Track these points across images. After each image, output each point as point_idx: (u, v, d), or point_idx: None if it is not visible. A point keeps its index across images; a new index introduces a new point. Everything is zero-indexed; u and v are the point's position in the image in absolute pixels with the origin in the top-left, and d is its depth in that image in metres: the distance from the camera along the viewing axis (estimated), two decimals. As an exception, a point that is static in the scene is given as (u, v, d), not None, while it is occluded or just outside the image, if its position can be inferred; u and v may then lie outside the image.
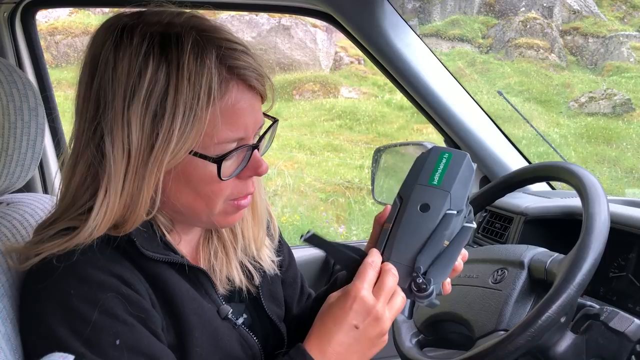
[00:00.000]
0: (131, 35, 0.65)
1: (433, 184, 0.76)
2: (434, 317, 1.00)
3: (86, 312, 0.64)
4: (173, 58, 0.64)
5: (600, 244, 0.81)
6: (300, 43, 10.23)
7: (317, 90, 9.69)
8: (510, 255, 0.95)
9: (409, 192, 0.76)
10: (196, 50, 0.65)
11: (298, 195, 6.47)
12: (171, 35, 0.65)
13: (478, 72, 10.60)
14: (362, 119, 8.88)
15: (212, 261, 0.83)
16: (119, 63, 0.65)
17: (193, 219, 0.76)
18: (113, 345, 0.64)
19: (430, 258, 0.72)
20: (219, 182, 0.70)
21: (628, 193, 6.89)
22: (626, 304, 1.05)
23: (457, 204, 0.75)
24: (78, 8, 9.73)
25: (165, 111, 0.64)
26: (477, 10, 12.44)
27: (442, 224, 0.73)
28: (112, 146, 0.65)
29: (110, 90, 0.65)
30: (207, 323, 0.74)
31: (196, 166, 0.69)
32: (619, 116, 9.23)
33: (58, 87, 8.57)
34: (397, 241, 0.74)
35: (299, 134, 8.29)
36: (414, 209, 0.75)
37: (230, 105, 0.67)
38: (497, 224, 1.45)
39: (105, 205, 0.67)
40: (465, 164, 0.78)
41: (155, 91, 0.64)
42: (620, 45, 11.16)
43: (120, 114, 0.64)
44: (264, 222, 0.88)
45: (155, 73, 0.64)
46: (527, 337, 0.77)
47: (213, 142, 0.68)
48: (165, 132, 0.64)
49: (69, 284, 0.65)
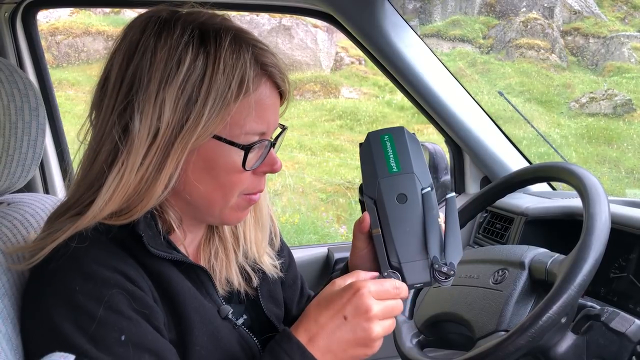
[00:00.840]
0: (173, 27, 0.70)
1: (394, 172, 0.75)
2: (434, 317, 1.00)
3: (92, 309, 0.64)
4: (211, 50, 0.69)
5: (601, 244, 0.81)
6: (301, 43, 10.23)
7: (318, 91, 9.69)
8: (511, 256, 0.95)
9: (377, 189, 0.75)
10: (233, 45, 0.70)
11: (298, 195, 6.47)
12: (210, 31, 0.71)
13: (479, 72, 10.60)
14: (362, 119, 8.88)
15: (212, 261, 0.83)
16: (159, 49, 0.69)
17: (205, 212, 0.77)
18: (118, 341, 0.64)
19: (437, 242, 0.72)
20: (240, 172, 0.73)
21: (629, 193, 6.89)
22: (627, 305, 1.05)
23: (425, 179, 0.75)
24: (79, 8, 9.73)
25: (199, 96, 0.69)
26: (477, 10, 12.44)
27: (426, 206, 0.73)
28: (140, 123, 0.68)
29: (147, 73, 0.69)
30: (207, 322, 0.75)
31: (222, 153, 0.72)
32: (619, 117, 9.23)
33: (59, 88, 8.57)
34: (397, 242, 0.73)
35: (300, 134, 8.29)
36: (393, 204, 0.74)
37: (261, 99, 0.73)
38: (498, 225, 1.45)
39: (118, 179, 0.68)
40: (408, 137, 0.77)
41: (192, 77, 0.69)
42: (621, 46, 11.15)
43: (154, 94, 0.68)
44: (266, 228, 0.89)
45: (194, 62, 0.69)
46: (528, 337, 0.77)
47: (242, 132, 0.72)
48: (196, 115, 0.68)
49: (74, 280, 0.66)
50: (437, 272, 0.71)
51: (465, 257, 1.06)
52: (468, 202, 1.16)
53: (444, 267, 0.71)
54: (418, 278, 0.72)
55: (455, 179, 1.71)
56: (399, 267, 0.72)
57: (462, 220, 1.16)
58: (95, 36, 9.85)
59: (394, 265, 0.72)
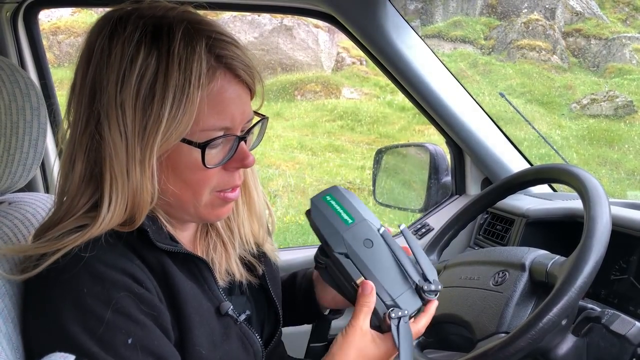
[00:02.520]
0: (125, 25, 0.68)
1: (350, 224, 0.81)
2: (434, 319, 0.99)
3: (100, 311, 0.64)
4: (163, 45, 0.67)
5: (602, 246, 0.80)
6: (302, 44, 10.23)
7: (319, 91, 9.69)
8: (512, 258, 0.95)
9: (344, 243, 0.80)
10: (187, 38, 0.67)
11: (300, 195, 6.47)
12: (163, 25, 0.68)
13: (480, 73, 10.60)
14: (363, 119, 8.88)
15: (211, 254, 0.84)
16: (112, 50, 0.67)
17: (181, 211, 0.76)
18: (125, 344, 0.64)
19: (413, 268, 0.80)
20: (204, 170, 0.71)
21: (630, 195, 6.88)
22: (627, 307, 1.05)
23: (375, 221, 0.83)
24: (81, 8, 9.74)
25: (155, 95, 0.66)
26: (479, 11, 12.44)
27: (389, 242, 0.81)
28: (109, 129, 0.67)
29: (105, 76, 0.67)
30: (206, 323, 0.75)
31: (182, 152, 0.70)
32: (621, 118, 9.22)
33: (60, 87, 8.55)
34: (384, 282, 0.78)
35: (301, 134, 8.29)
36: (364, 250, 0.80)
37: (216, 93, 0.70)
38: (499, 226, 1.45)
39: (115, 191, 0.68)
40: (344, 192, 0.85)
41: (146, 76, 0.66)
42: (622, 47, 11.14)
43: (113, 98, 0.67)
44: (262, 218, 0.89)
45: (146, 59, 0.66)
46: (528, 339, 0.77)
47: (198, 129, 0.69)
48: (155, 115, 0.66)
49: (82, 282, 0.65)
50: (426, 292, 0.78)
51: (466, 258, 1.06)
52: (469, 203, 1.16)
53: (430, 285, 0.78)
54: (412, 305, 0.78)
55: (456, 180, 1.71)
56: (395, 303, 0.77)
57: (462, 221, 1.16)
58: (96, 36, 9.83)
59: (389, 304, 0.77)
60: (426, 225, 1.69)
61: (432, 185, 1.69)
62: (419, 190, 1.75)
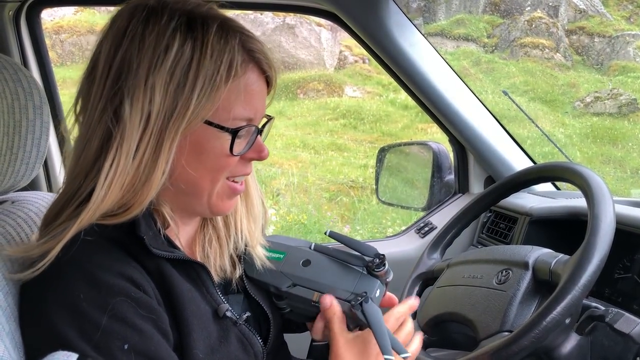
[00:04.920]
0: (160, 14, 0.72)
1: (283, 258, 0.90)
2: (437, 317, 1.00)
3: (96, 317, 0.64)
4: (199, 36, 0.71)
5: (606, 245, 0.80)
6: (304, 42, 10.23)
7: (322, 89, 9.69)
8: (515, 256, 0.95)
9: (287, 276, 0.87)
10: (221, 32, 0.72)
11: (303, 194, 6.47)
12: (197, 18, 0.72)
13: (483, 71, 10.57)
14: (366, 118, 8.87)
15: (206, 249, 0.85)
16: (147, 35, 0.70)
17: (193, 201, 0.77)
18: (121, 350, 0.64)
19: (355, 258, 0.86)
20: (228, 156, 0.75)
21: (634, 193, 6.86)
22: (631, 306, 1.05)
23: (303, 244, 0.91)
24: (83, 7, 9.75)
25: (188, 81, 0.70)
26: (482, 9, 12.41)
27: (324, 251, 0.88)
28: (131, 108, 0.68)
29: (136, 58, 0.70)
30: (204, 327, 0.75)
31: (210, 137, 0.73)
32: (624, 116, 9.19)
33: (63, 86, 8.58)
34: (338, 284, 0.83)
35: (303, 133, 8.29)
36: (305, 271, 0.86)
37: (247, 85, 0.74)
38: (502, 224, 1.44)
39: (115, 165, 0.68)
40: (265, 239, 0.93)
41: (180, 62, 0.70)
42: (626, 45, 11.11)
43: (144, 78, 0.69)
44: (258, 220, 0.90)
45: (182, 47, 0.70)
46: (532, 338, 0.77)
47: (229, 117, 0.73)
48: (185, 99, 0.70)
49: (78, 287, 0.65)
50: (375, 269, 0.83)
51: (469, 257, 1.06)
52: (472, 202, 1.16)
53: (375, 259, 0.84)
54: (371, 286, 0.82)
55: (459, 179, 1.71)
56: (354, 295, 0.81)
57: (465, 220, 1.16)
58: (99, 35, 9.85)
59: (350, 298, 0.81)
60: (429, 224, 1.68)
61: (435, 183, 1.69)
62: (422, 188, 1.75)
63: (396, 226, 5.53)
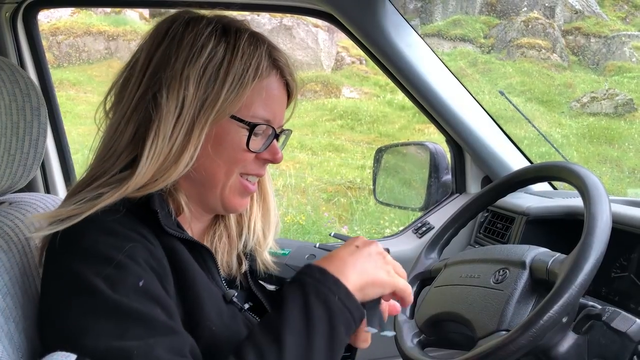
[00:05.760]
0: (199, 20, 0.81)
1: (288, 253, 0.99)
2: (435, 317, 1.00)
3: (112, 256, 0.68)
4: (231, 40, 0.80)
5: (602, 244, 0.80)
6: (301, 43, 10.23)
7: (319, 90, 9.70)
8: (512, 255, 0.95)
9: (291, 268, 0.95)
10: (251, 39, 0.81)
11: (300, 195, 6.47)
12: (231, 27, 0.82)
13: (480, 72, 10.59)
14: (363, 119, 8.88)
15: (215, 243, 0.89)
16: (186, 35, 0.79)
17: (208, 191, 0.82)
18: (135, 287, 0.66)
19: None
20: (244, 151, 0.81)
21: (630, 193, 6.88)
22: (628, 304, 1.05)
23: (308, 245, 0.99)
24: (80, 8, 9.74)
25: (218, 77, 0.78)
26: (478, 10, 12.43)
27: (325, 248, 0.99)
28: (167, 97, 0.76)
29: (174, 54, 0.78)
30: (214, 302, 0.77)
31: (231, 131, 0.80)
32: (621, 116, 9.22)
33: (60, 87, 8.57)
34: None
35: (301, 134, 8.29)
36: None
37: (269, 88, 0.82)
38: (499, 224, 1.45)
39: (154, 146, 0.75)
40: None
41: (213, 60, 0.78)
42: (622, 45, 11.14)
43: (180, 70, 0.77)
44: (272, 225, 0.95)
45: (216, 47, 0.79)
46: (529, 337, 0.77)
47: (249, 114, 0.80)
48: (215, 93, 0.77)
49: (96, 236, 0.70)
50: None
51: (466, 256, 1.06)
52: (469, 201, 1.16)
53: None
54: None
55: (456, 179, 1.71)
56: None
57: (463, 220, 1.16)
58: (96, 36, 9.85)
59: None
60: (427, 224, 1.69)
61: (433, 183, 1.69)
62: (419, 188, 1.75)
63: (394, 226, 5.53)
